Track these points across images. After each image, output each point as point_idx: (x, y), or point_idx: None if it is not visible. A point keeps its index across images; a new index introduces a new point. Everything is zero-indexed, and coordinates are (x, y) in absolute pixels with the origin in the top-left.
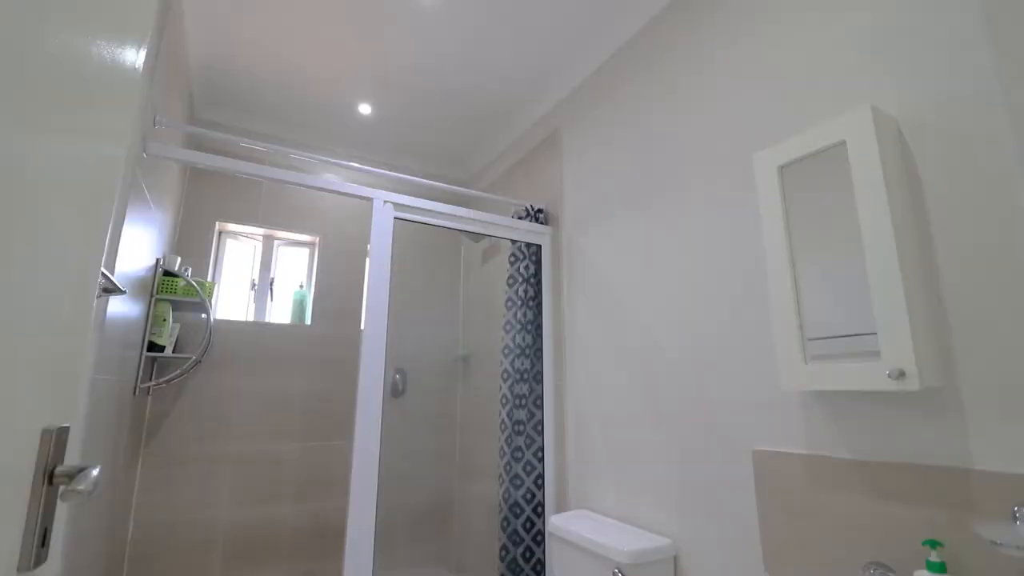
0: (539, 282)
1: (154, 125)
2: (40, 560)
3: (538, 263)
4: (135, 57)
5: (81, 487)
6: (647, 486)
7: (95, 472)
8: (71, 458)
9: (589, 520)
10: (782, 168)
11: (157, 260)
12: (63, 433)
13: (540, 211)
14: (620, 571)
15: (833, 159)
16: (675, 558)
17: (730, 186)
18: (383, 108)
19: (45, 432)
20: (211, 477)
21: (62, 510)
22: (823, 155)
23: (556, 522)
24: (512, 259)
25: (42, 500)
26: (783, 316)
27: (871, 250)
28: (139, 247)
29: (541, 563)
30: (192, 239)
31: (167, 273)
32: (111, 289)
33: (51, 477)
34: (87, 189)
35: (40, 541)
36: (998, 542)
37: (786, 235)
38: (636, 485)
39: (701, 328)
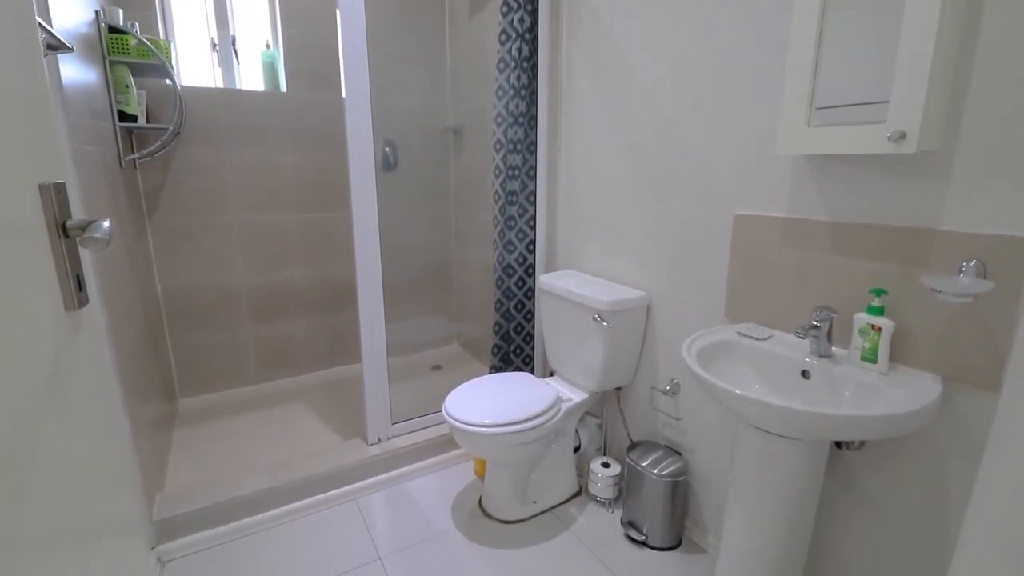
0: (535, 39)
1: None
2: (83, 302)
3: (534, 14)
4: None
5: (97, 235)
6: (631, 249)
7: (106, 223)
8: (78, 217)
9: (575, 278)
10: None
11: (96, 13)
12: (61, 188)
13: None
14: (599, 316)
15: None
16: (648, 307)
17: None
18: None
19: (43, 187)
20: (220, 246)
21: (87, 259)
22: None
23: (545, 279)
24: (504, 9)
25: (64, 250)
26: (797, 76)
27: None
28: None
29: (531, 313)
30: None
31: (112, 30)
32: (56, 46)
33: (65, 230)
34: None
35: (76, 286)
36: (937, 289)
37: None
38: (621, 248)
39: (704, 93)
